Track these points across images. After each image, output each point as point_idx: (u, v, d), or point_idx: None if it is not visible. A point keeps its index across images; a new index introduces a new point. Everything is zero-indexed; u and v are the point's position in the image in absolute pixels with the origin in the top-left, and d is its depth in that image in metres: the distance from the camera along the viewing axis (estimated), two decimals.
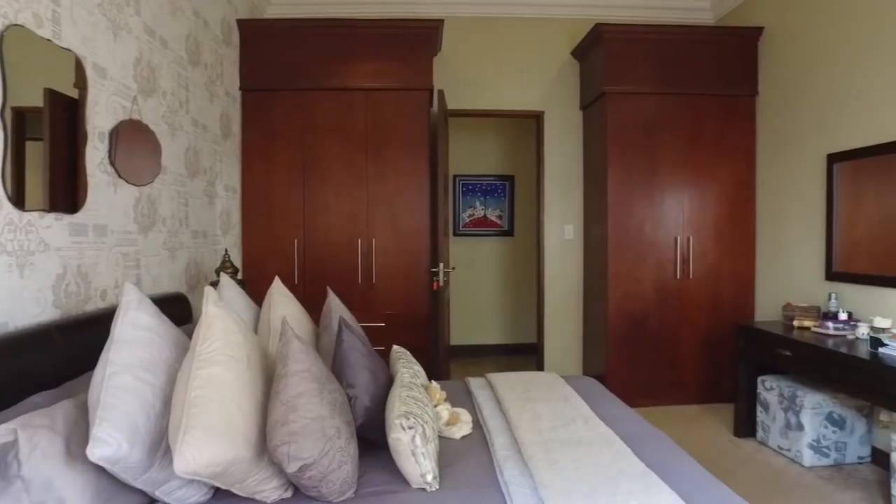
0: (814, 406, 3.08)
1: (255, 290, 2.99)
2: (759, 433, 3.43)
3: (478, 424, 2.16)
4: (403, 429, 1.61)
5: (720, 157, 4.13)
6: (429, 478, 1.61)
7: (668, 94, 4.05)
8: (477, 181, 5.90)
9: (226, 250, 3.17)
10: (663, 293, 4.14)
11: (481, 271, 5.89)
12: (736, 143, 4.15)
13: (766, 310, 4.03)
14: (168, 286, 2.76)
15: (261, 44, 3.84)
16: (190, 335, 1.67)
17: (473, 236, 5.90)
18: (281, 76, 3.85)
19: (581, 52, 4.44)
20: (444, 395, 2.18)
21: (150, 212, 2.60)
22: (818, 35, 3.55)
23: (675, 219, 4.14)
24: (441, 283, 3.89)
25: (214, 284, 2.47)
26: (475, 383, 2.71)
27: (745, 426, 3.51)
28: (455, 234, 5.80)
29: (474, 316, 5.85)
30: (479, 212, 5.92)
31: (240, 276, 3.13)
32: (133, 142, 2.41)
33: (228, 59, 3.68)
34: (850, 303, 3.25)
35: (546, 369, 4.68)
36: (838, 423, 3.10)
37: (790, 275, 3.81)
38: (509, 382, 2.60)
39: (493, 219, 5.94)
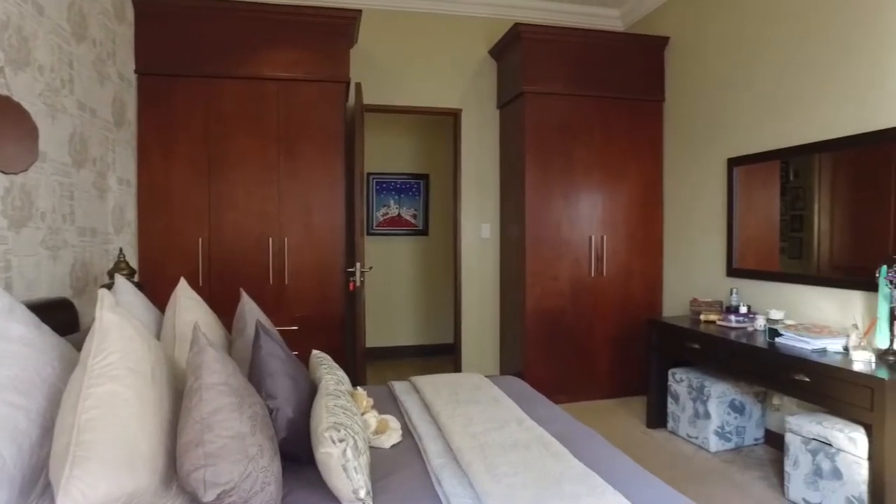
0: (719, 395, 3.26)
1: (154, 293, 2.70)
2: (670, 423, 3.58)
3: (407, 431, 2.05)
4: (334, 442, 1.47)
5: (631, 160, 4.30)
6: (361, 493, 1.48)
7: (583, 97, 4.15)
8: (391, 179, 5.78)
9: (120, 249, 2.84)
10: (579, 291, 4.24)
11: (396, 271, 5.77)
12: (645, 146, 4.33)
13: (674, 305, 4.24)
14: (48, 291, 2.41)
15: (160, 23, 3.49)
16: (78, 347, 1.44)
17: (387, 235, 5.78)
18: (183, 60, 3.52)
19: (499, 52, 4.46)
20: (370, 401, 2.06)
21: (24, 204, 2.25)
22: (717, 48, 3.78)
23: (589, 218, 4.25)
24: (358, 284, 3.74)
25: (108, 287, 2.18)
26: (399, 388, 2.60)
27: (657, 417, 3.66)
28: (369, 234, 5.64)
29: (389, 317, 5.72)
30: (394, 211, 5.80)
31: (136, 278, 2.80)
32: None
33: (122, 37, 3.31)
34: (749, 297, 3.47)
35: (464, 369, 4.66)
36: (739, 410, 3.30)
37: (696, 271, 4.03)
38: (436, 385, 2.51)
39: (408, 218, 5.84)
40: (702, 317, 3.53)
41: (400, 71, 4.44)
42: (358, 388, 2.10)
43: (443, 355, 5.70)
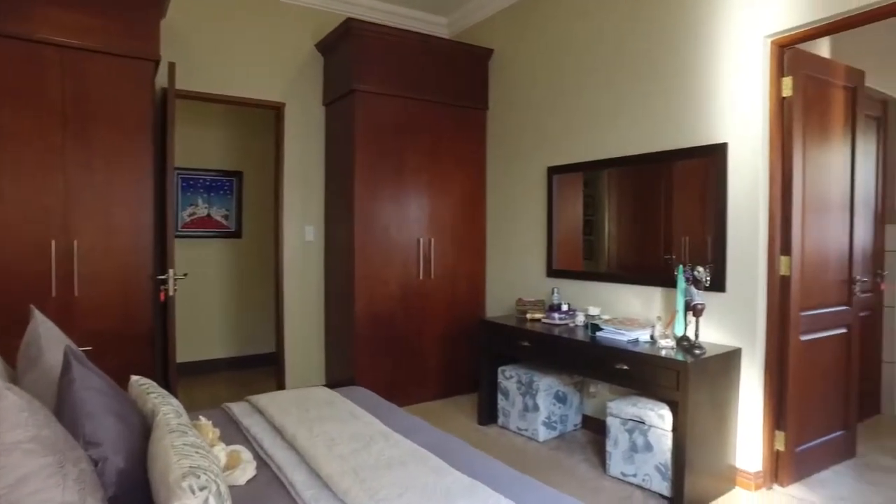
0: (546, 388, 3.50)
1: None
2: (501, 418, 3.76)
3: (262, 462, 1.80)
4: (193, 492, 1.20)
5: (457, 165, 4.43)
6: None
7: (413, 99, 4.16)
8: (199, 176, 5.17)
9: None
10: (408, 293, 4.24)
11: (205, 277, 5.18)
12: (470, 152, 4.50)
13: (499, 305, 4.47)
14: None
15: None
16: None
17: (195, 238, 5.16)
18: None
19: (327, 46, 4.25)
20: (217, 432, 1.76)
21: None
22: (537, 65, 4.08)
23: (418, 221, 4.27)
24: (171, 293, 3.26)
25: None
26: (239, 410, 2.29)
27: (488, 414, 3.81)
28: (174, 236, 4.97)
29: (197, 328, 5.11)
30: (202, 210, 5.20)
31: None
32: None
33: None
34: (568, 295, 3.79)
35: (288, 379, 4.36)
36: (562, 400, 3.59)
37: (519, 272, 4.29)
38: (281, 404, 2.27)
39: (219, 219, 5.29)
40: (528, 315, 3.76)
41: (217, 56, 3.98)
42: (201, 417, 1.79)
43: (262, 366, 5.28)
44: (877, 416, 3.99)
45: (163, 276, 3.24)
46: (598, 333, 3.17)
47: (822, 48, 3.43)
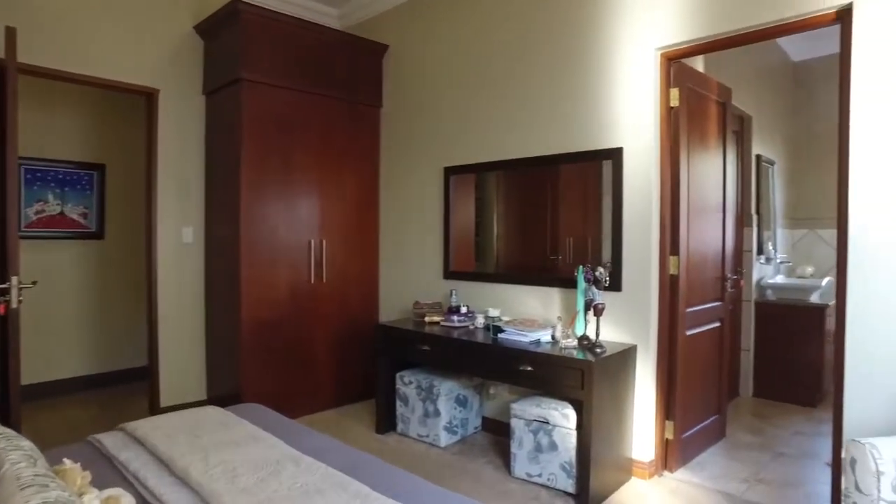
0: (447, 392, 3.45)
1: None
2: (400, 426, 3.64)
3: None
4: None
5: (350, 163, 4.24)
6: None
7: (305, 93, 3.91)
8: (50, 168, 4.50)
9: None
10: (298, 298, 3.98)
11: (57, 284, 4.50)
12: (363, 150, 4.34)
13: (394, 308, 4.34)
14: None
15: None
16: None
17: (45, 239, 4.48)
18: None
19: (209, 29, 3.87)
20: (87, 476, 1.47)
21: None
22: (433, 65, 4.02)
23: (309, 222, 4.03)
24: (15, 305, 2.77)
25: None
26: (112, 442, 1.96)
27: (386, 421, 3.68)
28: (17, 237, 4.26)
29: (49, 343, 4.44)
30: (54, 208, 4.53)
31: None
32: None
33: None
34: (466, 297, 3.77)
35: (163, 395, 3.92)
36: (463, 403, 3.56)
37: (415, 274, 4.20)
38: (166, 431, 1.98)
39: (75, 217, 4.64)
40: (426, 318, 3.68)
41: (74, 27, 3.46)
42: (66, 460, 1.48)
43: (129, 383, 4.71)
44: (736, 398, 4.42)
45: (3, 286, 2.74)
46: (500, 335, 3.17)
47: (698, 66, 3.71)
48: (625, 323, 3.03)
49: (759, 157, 4.58)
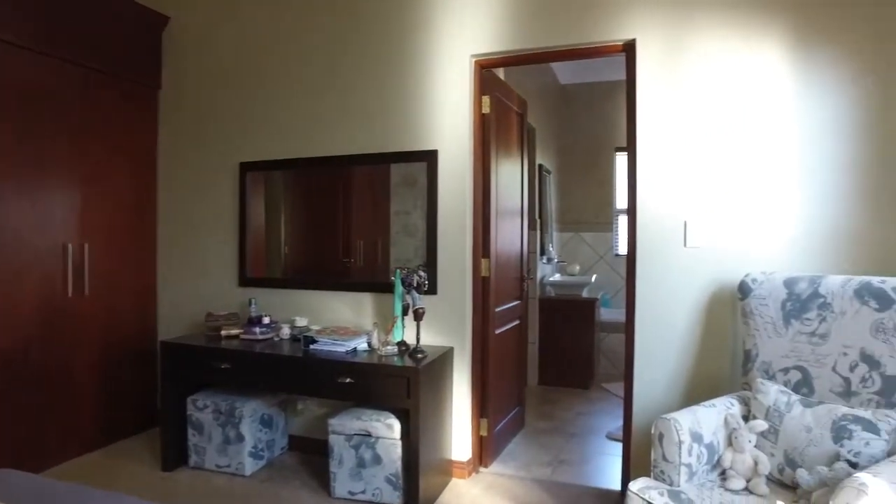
0: (251, 414, 3.07)
1: None
2: (193, 458, 3.13)
3: None
4: None
5: (120, 152, 3.54)
6: None
7: (61, 60, 3.13)
8: None
9: None
10: (52, 316, 3.18)
11: None
12: (137, 137, 3.66)
13: (184, 322, 3.71)
14: None
15: None
16: None
17: None
18: None
19: None
20: None
21: None
22: (228, 45, 3.57)
23: (65, 221, 3.25)
24: None
25: None
26: None
27: (176, 455, 3.14)
28: None
29: None
30: None
31: None
32: None
33: None
34: (268, 306, 3.41)
35: None
36: (268, 424, 3.22)
37: (204, 283, 3.68)
38: None
39: None
40: (223, 332, 3.24)
41: None
42: None
43: None
44: (526, 387, 4.81)
45: None
46: (313, 346, 2.93)
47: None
48: (441, 326, 3.04)
49: (541, 166, 5.07)
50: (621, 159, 6.05)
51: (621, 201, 6.07)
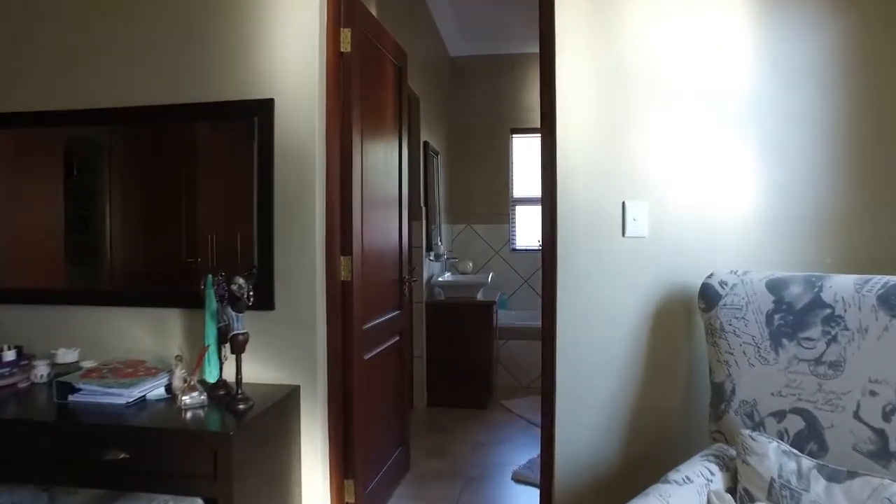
0: None
1: None
2: None
3: None
4: None
5: None
6: None
7: None
8: None
9: None
10: None
11: None
12: None
13: None
14: None
15: None
16: None
17: None
18: None
19: None
20: None
21: None
22: None
23: None
24: None
25: None
26: None
27: None
28: None
29: None
30: None
31: None
32: None
33: None
34: (22, 332, 2.26)
35: None
36: None
37: None
38: None
39: None
40: None
41: None
42: None
43: None
44: (412, 411, 3.97)
45: None
46: (73, 397, 1.87)
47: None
48: (281, 355, 2.08)
49: (426, 144, 4.24)
50: (519, 142, 5.40)
51: (519, 189, 5.42)
